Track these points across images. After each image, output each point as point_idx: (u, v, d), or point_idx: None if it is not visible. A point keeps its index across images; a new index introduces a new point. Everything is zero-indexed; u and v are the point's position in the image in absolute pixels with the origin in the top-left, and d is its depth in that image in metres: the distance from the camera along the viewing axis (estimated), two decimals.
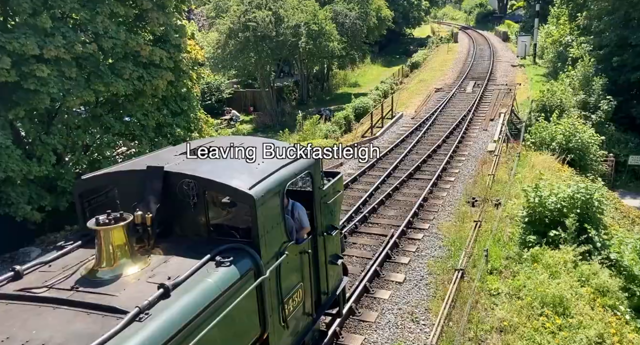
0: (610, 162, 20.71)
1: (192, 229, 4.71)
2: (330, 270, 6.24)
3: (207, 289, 3.88)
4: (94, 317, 3.38)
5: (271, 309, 4.73)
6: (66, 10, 11.73)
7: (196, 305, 3.70)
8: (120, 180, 4.90)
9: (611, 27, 25.62)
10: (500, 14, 75.32)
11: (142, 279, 3.87)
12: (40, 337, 3.13)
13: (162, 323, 3.39)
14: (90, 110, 13.70)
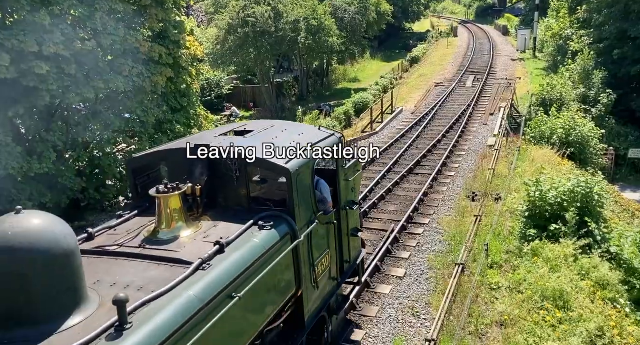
0: (611, 156, 20.70)
1: (234, 200, 5.38)
2: (352, 242, 6.97)
3: (254, 247, 4.61)
4: (164, 267, 4.10)
5: (305, 270, 5.42)
6: (65, 7, 11.67)
7: (246, 260, 4.42)
8: (170, 157, 5.57)
9: (611, 20, 25.52)
10: (500, 7, 75.02)
11: (197, 239, 4.58)
12: (123, 281, 3.86)
13: (221, 272, 4.11)
14: (90, 107, 13.69)
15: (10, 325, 3.18)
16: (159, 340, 3.35)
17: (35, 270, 3.21)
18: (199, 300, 3.78)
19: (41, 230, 3.30)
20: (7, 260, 3.15)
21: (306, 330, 5.68)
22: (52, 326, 3.25)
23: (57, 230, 3.39)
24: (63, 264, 3.35)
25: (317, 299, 5.91)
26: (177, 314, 3.57)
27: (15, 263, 3.16)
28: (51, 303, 3.29)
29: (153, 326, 3.38)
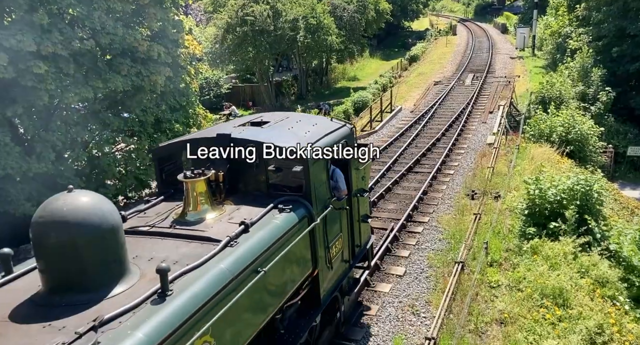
0: (610, 153, 20.71)
1: (254, 186, 5.84)
2: (362, 227, 7.40)
3: (275, 227, 5.02)
4: (195, 244, 4.53)
5: (320, 250, 5.85)
6: (63, 6, 11.65)
7: (269, 239, 4.84)
8: (192, 146, 5.88)
9: (610, 18, 25.51)
10: (498, 5, 74.97)
11: (222, 220, 5.03)
12: (159, 256, 4.26)
13: (247, 249, 4.53)
14: (88, 106, 13.67)
15: (65, 291, 3.60)
16: (196, 307, 3.75)
17: (86, 242, 3.61)
18: (229, 272, 4.21)
19: (91, 206, 3.69)
20: (62, 233, 3.54)
21: (322, 307, 6.15)
22: (102, 293, 3.67)
23: (105, 207, 3.80)
24: (110, 238, 3.76)
25: (331, 279, 6.34)
26: (210, 283, 3.99)
27: (69, 235, 3.55)
28: (100, 272, 3.72)
29: (190, 294, 3.79)
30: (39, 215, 3.64)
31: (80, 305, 3.52)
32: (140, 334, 3.28)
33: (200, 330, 3.69)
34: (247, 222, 4.81)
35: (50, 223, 3.56)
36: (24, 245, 12.22)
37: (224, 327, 4.05)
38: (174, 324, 3.53)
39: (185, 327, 3.62)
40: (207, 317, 3.83)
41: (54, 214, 3.60)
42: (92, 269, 3.67)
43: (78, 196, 3.75)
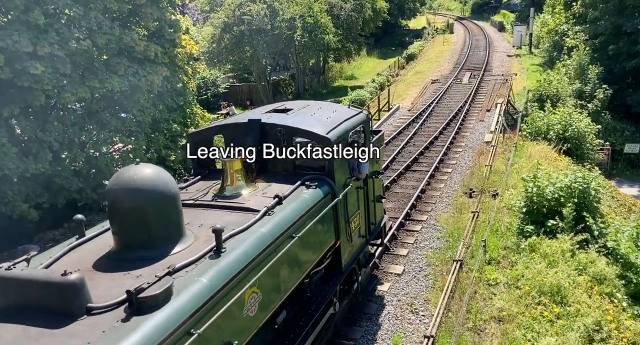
0: (607, 151, 20.78)
1: (281, 166, 6.50)
2: (376, 206, 8.13)
3: (304, 201, 5.72)
4: (237, 214, 5.20)
5: (342, 224, 6.57)
6: (59, 6, 11.61)
7: (300, 209, 5.52)
8: (227, 131, 6.79)
9: (606, 15, 25.56)
10: (495, 3, 75.01)
11: (257, 195, 5.72)
12: (208, 223, 4.83)
13: (283, 217, 5.21)
14: (85, 106, 13.63)
15: (136, 248, 4.26)
16: (245, 262, 4.44)
17: (153, 206, 4.26)
18: (270, 235, 4.89)
19: (155, 177, 4.35)
20: (134, 198, 4.19)
21: (343, 274, 6.89)
22: (166, 250, 4.34)
23: (166, 178, 4.44)
24: (170, 204, 4.42)
25: (350, 251, 7.05)
26: (255, 244, 4.68)
27: (139, 200, 4.20)
28: (163, 233, 4.39)
29: (240, 251, 4.49)
30: (113, 183, 4.30)
31: (149, 260, 4.20)
32: (205, 280, 4.00)
33: (249, 282, 4.42)
34: (281, 196, 5.50)
35: (124, 190, 4.22)
36: (21, 246, 12.18)
37: (267, 282, 4.77)
38: (229, 275, 4.21)
39: (238, 279, 4.30)
40: (254, 272, 4.52)
41: (126, 182, 4.25)
42: (157, 230, 4.34)
43: (144, 168, 4.39)
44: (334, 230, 6.41)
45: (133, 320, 3.48)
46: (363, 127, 7.47)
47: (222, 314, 3.97)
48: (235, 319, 4.32)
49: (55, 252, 4.48)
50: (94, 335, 3.31)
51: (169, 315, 3.59)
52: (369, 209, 7.71)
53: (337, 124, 6.71)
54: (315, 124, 6.55)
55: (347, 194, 6.71)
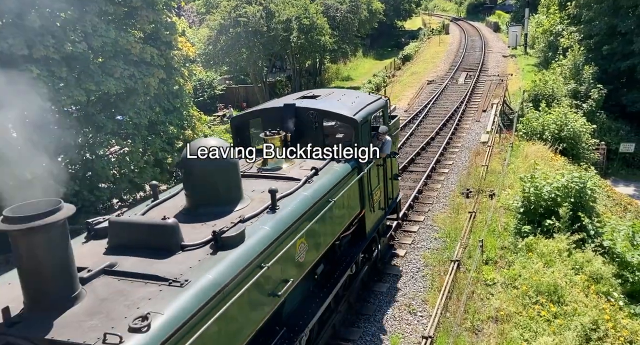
0: (602, 150, 20.86)
1: (314, 144, 7.27)
2: (393, 183, 9.19)
3: (336, 172, 6.69)
4: (281, 182, 6.18)
5: (366, 196, 7.54)
6: (54, 9, 11.59)
7: (334, 179, 6.52)
8: (265, 114, 7.75)
9: (600, 16, 25.69)
10: (490, 4, 75.26)
11: (295, 168, 6.70)
12: (259, 189, 5.90)
13: (320, 184, 6.22)
14: (81, 109, 13.60)
15: (206, 206, 5.28)
16: (295, 218, 5.45)
17: (220, 171, 5.32)
18: (312, 198, 5.91)
19: (220, 146, 5.36)
20: (207, 163, 5.21)
21: (367, 240, 7.84)
22: (230, 207, 5.37)
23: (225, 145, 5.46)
24: (233, 169, 5.47)
25: (372, 220, 8.04)
26: (301, 204, 5.70)
27: (210, 166, 5.24)
28: (229, 193, 5.44)
29: (290, 209, 5.51)
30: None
31: (218, 214, 5.20)
32: (267, 227, 5.05)
33: (299, 234, 5.48)
34: (317, 168, 6.52)
35: (195, 159, 5.25)
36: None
37: (311, 236, 5.84)
38: (284, 225, 5.24)
39: (290, 230, 5.33)
40: (301, 226, 5.57)
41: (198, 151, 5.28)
42: (223, 191, 5.37)
43: (211, 140, 5.45)
44: (359, 200, 7.42)
45: (219, 254, 4.48)
46: (382, 111, 8.48)
47: (281, 256, 5.00)
48: (290, 261, 5.36)
49: (137, 211, 5.53)
50: (193, 263, 4.29)
51: (245, 252, 4.61)
52: (387, 185, 8.75)
53: (361, 108, 7.66)
54: (343, 107, 7.55)
55: (370, 170, 7.68)
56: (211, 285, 4.08)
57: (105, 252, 4.60)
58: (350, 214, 7.11)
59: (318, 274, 6.56)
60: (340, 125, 7.78)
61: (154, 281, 4.05)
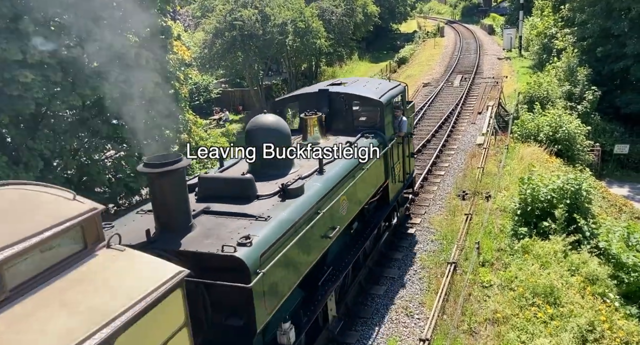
0: (597, 152, 20.96)
1: (344, 124, 8.79)
2: (410, 160, 10.64)
3: (366, 143, 8.08)
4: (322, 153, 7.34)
5: (389, 168, 8.97)
6: (48, 14, 11.56)
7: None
8: (302, 98, 9.10)
9: (593, 18, 25.87)
10: (485, 7, 75.66)
11: (330, 143, 7.93)
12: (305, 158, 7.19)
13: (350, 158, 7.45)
14: (77, 114, 13.55)
15: (267, 169, 6.56)
16: (338, 179, 6.84)
17: (278, 140, 6.60)
18: (350, 164, 7.34)
19: (278, 121, 6.82)
20: (266, 135, 6.57)
21: (390, 206, 9.35)
22: (285, 171, 6.68)
23: (283, 123, 6.88)
24: (287, 140, 6.76)
25: (393, 190, 9.44)
26: (342, 168, 7.12)
27: (271, 136, 6.58)
28: (285, 159, 6.70)
29: (334, 172, 6.92)
30: (251, 126, 6.74)
31: (277, 176, 6.52)
32: (319, 184, 6.50)
33: (342, 192, 6.84)
34: (351, 141, 7.86)
35: (259, 129, 6.67)
36: None
37: (350, 195, 7.13)
38: (331, 184, 6.68)
39: (335, 188, 6.67)
40: (343, 186, 6.90)
41: (260, 124, 6.70)
42: (280, 157, 6.57)
43: (270, 116, 6.84)
44: (384, 171, 8.81)
45: (287, 201, 5.89)
46: (401, 96, 9.86)
47: (331, 206, 6.47)
48: (336, 212, 6.70)
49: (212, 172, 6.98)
50: (268, 207, 5.71)
51: (305, 200, 6.03)
52: (405, 161, 10.19)
53: (385, 92, 9.05)
54: (369, 91, 8.98)
55: (392, 146, 9.09)
56: (286, 220, 5.58)
57: (197, 201, 5.94)
58: (377, 182, 8.52)
59: (353, 229, 8.08)
60: (364, 108, 9.10)
61: (244, 217, 5.49)
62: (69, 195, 3.83)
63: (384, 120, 8.64)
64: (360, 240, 8.12)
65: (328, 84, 9.28)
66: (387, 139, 8.79)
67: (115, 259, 3.70)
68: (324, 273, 6.89)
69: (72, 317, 3.03)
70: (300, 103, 8.92)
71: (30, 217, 3.40)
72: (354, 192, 7.34)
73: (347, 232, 7.71)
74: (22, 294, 3.09)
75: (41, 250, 3.26)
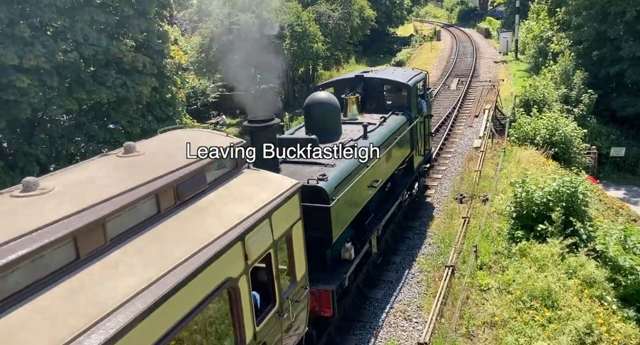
0: (593, 155, 21.03)
1: (376, 104, 10.57)
2: (430, 138, 12.85)
3: (397, 119, 10.02)
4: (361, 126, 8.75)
5: (415, 141, 10.81)
6: (45, 19, 11.56)
7: (397, 123, 9.84)
8: (341, 83, 10.85)
9: (589, 22, 26.02)
10: (481, 11, 75.99)
11: (366, 119, 9.36)
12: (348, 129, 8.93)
13: (389, 126, 9.50)
14: (73, 118, 13.54)
15: (323, 136, 7.85)
16: (378, 144, 8.38)
17: (331, 112, 8.36)
18: (385, 133, 9.12)
19: (330, 96, 8.63)
20: (322, 107, 8.43)
21: (414, 174, 11.27)
22: (336, 137, 8.28)
23: (334, 98, 8.66)
24: (338, 112, 8.60)
25: (417, 161, 11.32)
26: (380, 136, 8.92)
27: (325, 108, 8.40)
28: (336, 127, 8.52)
29: (375, 137, 8.67)
30: (310, 100, 8.57)
31: (330, 140, 8.02)
32: (368, 143, 8.05)
33: (381, 154, 8.48)
34: (385, 117, 9.72)
35: (316, 103, 8.50)
36: None
37: (387, 157, 9.02)
38: (376, 144, 8.20)
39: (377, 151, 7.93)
40: (382, 150, 8.53)
41: (317, 99, 8.54)
42: (333, 125, 8.46)
43: (323, 93, 8.71)
44: (410, 144, 10.59)
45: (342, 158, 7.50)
46: (423, 82, 11.61)
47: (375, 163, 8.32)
48: (378, 168, 8.57)
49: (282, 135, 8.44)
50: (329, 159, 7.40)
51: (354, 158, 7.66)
52: (425, 138, 12.08)
53: (411, 77, 10.87)
54: (398, 76, 10.88)
55: (417, 124, 10.87)
56: (346, 168, 7.49)
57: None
58: (405, 151, 10.31)
59: (387, 188, 9.93)
60: (393, 91, 10.86)
61: (316, 165, 7.26)
62: (223, 134, 5.77)
63: (410, 101, 10.48)
64: (392, 197, 10.00)
65: (360, 72, 11.22)
66: (413, 117, 10.61)
67: (255, 175, 5.52)
68: (369, 217, 8.74)
69: (238, 204, 4.79)
70: (338, 87, 10.53)
71: (208, 143, 5.05)
72: (390, 156, 9.23)
73: (383, 190, 9.46)
74: (214, 188, 4.85)
75: (218, 164, 5.12)
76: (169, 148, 5.06)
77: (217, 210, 4.53)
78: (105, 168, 4.37)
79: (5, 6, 10.64)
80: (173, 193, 4.23)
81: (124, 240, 3.65)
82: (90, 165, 4.52)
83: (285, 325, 5.34)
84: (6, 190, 3.85)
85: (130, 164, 4.47)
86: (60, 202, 3.55)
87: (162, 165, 4.43)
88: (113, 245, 3.55)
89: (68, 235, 3.23)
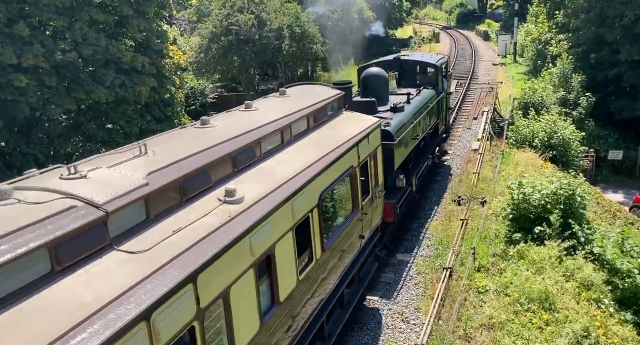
0: (591, 158, 21.06)
1: (410, 82, 13.63)
2: (449, 112, 17.10)
3: (428, 92, 13.42)
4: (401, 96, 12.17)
5: (440, 111, 14.50)
6: (43, 19, 11.54)
7: (429, 95, 13.33)
8: (381, 64, 13.18)
9: (587, 25, 26.09)
10: (480, 13, 76.15)
11: (403, 92, 12.56)
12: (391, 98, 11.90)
13: (423, 96, 12.89)
14: (71, 118, 13.51)
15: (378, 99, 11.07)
16: (418, 108, 12.01)
17: (383, 82, 12.01)
18: (421, 102, 12.38)
19: (381, 71, 12.16)
20: (376, 78, 11.90)
21: (439, 137, 14.88)
22: (386, 102, 11.36)
23: (383, 71, 12.20)
24: (386, 82, 12.24)
25: (440, 128, 14.78)
26: (418, 102, 12.27)
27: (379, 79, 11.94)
28: (386, 94, 11.82)
29: (415, 102, 12.11)
30: (366, 74, 11.88)
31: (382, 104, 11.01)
32: (410, 107, 11.66)
33: (419, 116, 11.90)
34: (420, 89, 12.73)
35: (372, 76, 11.85)
36: None
37: (423, 120, 12.25)
38: (416, 108, 11.83)
39: (417, 111, 11.73)
40: (420, 111, 12.03)
41: (373, 72, 11.87)
42: (383, 94, 11.58)
43: (376, 68, 12.11)
44: (437, 113, 13.74)
45: (396, 114, 10.70)
46: (446, 64, 14.80)
47: (417, 121, 11.51)
48: (418, 125, 11.67)
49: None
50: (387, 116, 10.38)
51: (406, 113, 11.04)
52: (447, 111, 15.53)
53: (438, 60, 14.05)
54: (428, 59, 14.22)
55: (441, 98, 13.91)
56: (399, 121, 10.39)
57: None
58: (432, 119, 13.32)
59: (421, 145, 12.73)
60: (424, 70, 13.93)
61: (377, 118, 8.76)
62: (329, 87, 8.28)
63: (437, 79, 13.63)
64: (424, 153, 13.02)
65: (395, 56, 14.60)
66: (439, 91, 13.56)
67: (351, 114, 8.24)
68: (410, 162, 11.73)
69: (350, 127, 7.61)
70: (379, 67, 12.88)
71: (319, 94, 7.81)
72: (425, 119, 12.26)
73: (418, 147, 12.29)
74: (332, 118, 7.69)
75: (332, 105, 7.80)
76: (305, 93, 8.03)
77: (339, 129, 7.37)
78: (272, 102, 7.35)
79: (4, 5, 10.62)
80: (313, 118, 7.06)
81: (293, 142, 6.42)
82: (266, 102, 7.44)
83: (373, 208, 8.22)
84: (189, 125, 6.23)
85: (286, 101, 7.41)
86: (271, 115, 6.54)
87: (305, 102, 7.21)
88: (288, 144, 6.27)
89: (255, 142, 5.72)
